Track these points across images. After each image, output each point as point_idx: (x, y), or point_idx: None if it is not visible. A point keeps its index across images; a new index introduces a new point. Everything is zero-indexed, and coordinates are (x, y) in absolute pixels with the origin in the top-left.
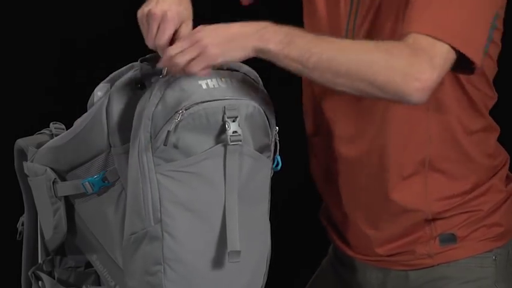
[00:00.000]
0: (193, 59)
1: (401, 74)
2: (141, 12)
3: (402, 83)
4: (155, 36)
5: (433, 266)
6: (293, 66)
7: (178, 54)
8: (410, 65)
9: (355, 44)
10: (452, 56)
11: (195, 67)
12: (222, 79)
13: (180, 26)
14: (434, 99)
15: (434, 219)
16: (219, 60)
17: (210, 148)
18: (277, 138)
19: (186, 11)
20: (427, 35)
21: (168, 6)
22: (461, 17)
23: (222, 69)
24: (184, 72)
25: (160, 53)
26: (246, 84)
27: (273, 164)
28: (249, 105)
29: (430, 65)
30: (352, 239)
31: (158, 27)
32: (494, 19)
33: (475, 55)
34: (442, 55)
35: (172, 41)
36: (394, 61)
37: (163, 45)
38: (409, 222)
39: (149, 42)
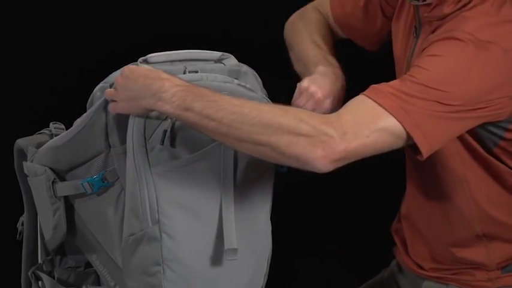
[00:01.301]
0: (111, 97)
1: (308, 139)
2: (306, 87)
3: (307, 151)
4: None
5: None
6: (196, 129)
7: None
8: (320, 123)
9: (260, 107)
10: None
11: (110, 106)
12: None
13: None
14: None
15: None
16: (124, 112)
17: (206, 147)
18: None
19: (338, 93)
20: (379, 103)
21: (328, 92)
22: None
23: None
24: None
25: None
26: (242, 89)
27: (277, 165)
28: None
29: (348, 129)
30: (414, 254)
31: (313, 109)
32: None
33: (422, 142)
34: (382, 129)
35: None
36: (300, 127)
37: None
38: (471, 264)
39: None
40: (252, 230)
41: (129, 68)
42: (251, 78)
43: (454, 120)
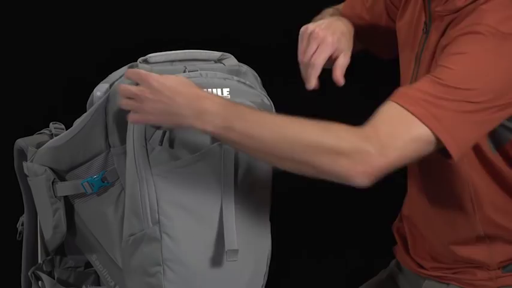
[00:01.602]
0: (134, 108)
1: (348, 157)
2: (305, 29)
3: (348, 168)
4: (312, 55)
5: None
6: (236, 148)
7: (126, 101)
8: (356, 152)
9: (301, 125)
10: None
11: (134, 118)
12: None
13: (338, 56)
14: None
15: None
16: (156, 124)
17: (206, 148)
18: None
19: (347, 42)
20: (409, 110)
21: (331, 31)
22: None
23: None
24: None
25: (305, 71)
26: (242, 85)
27: None
28: (244, 104)
29: (388, 144)
30: (415, 253)
31: (317, 48)
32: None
33: (452, 147)
34: (415, 140)
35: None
36: (339, 147)
37: (318, 65)
38: (472, 263)
39: (303, 58)
40: (252, 230)
41: (158, 81)
42: (251, 78)
43: (483, 117)
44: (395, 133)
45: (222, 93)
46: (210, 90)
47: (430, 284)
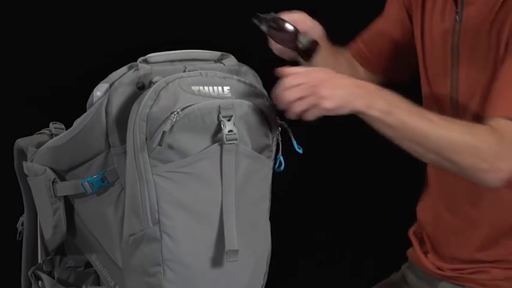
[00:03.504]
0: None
1: (487, 163)
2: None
3: (485, 171)
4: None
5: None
6: (386, 132)
7: (296, 101)
8: (495, 156)
9: (447, 123)
10: None
11: (309, 117)
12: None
13: None
14: None
15: None
16: (330, 113)
17: (206, 148)
18: (280, 139)
19: None
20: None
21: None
22: None
23: (221, 64)
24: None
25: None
26: (242, 85)
27: (275, 164)
28: (243, 105)
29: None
30: (434, 256)
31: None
32: None
33: None
34: None
35: None
36: (483, 150)
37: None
38: (491, 262)
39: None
40: (252, 230)
41: (315, 69)
42: (251, 78)
43: None
44: None
45: (223, 91)
46: (210, 88)
47: (446, 286)
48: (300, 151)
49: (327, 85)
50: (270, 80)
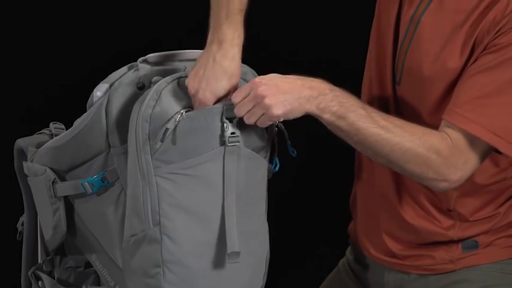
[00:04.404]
0: (258, 110)
1: (435, 173)
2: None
3: (433, 180)
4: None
5: (454, 271)
6: (338, 134)
7: (246, 115)
8: (446, 168)
9: (400, 131)
10: (490, 149)
11: (264, 125)
12: None
13: None
14: None
15: (458, 226)
16: (280, 119)
17: (208, 150)
18: (276, 140)
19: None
20: (468, 132)
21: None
22: (505, 114)
23: None
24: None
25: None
26: (243, 81)
27: (271, 165)
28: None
29: (464, 168)
30: (372, 240)
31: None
32: None
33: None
34: (479, 156)
35: None
36: (433, 161)
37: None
38: (431, 236)
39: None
40: (251, 231)
41: (264, 78)
42: (251, 78)
43: None
44: (469, 159)
45: None
46: None
47: (391, 276)
48: (294, 154)
49: (270, 93)
50: None
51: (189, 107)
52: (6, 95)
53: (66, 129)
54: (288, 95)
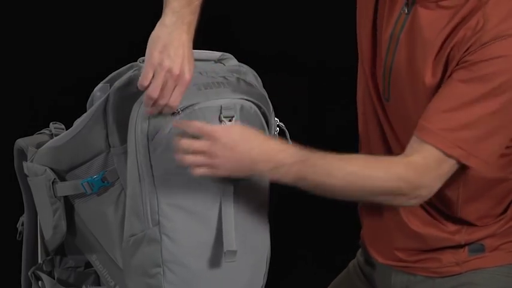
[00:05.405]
0: (204, 165)
1: (405, 196)
2: (159, 60)
3: (403, 202)
4: (170, 96)
5: (460, 274)
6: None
7: (194, 157)
8: (415, 190)
9: (367, 171)
10: (458, 163)
11: (201, 172)
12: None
13: None
14: None
15: (465, 230)
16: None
17: None
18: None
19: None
20: (438, 148)
21: (187, 67)
22: (475, 133)
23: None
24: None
25: (159, 108)
26: (242, 84)
27: None
28: (244, 105)
29: (433, 184)
30: (379, 251)
31: (175, 87)
32: None
33: (480, 166)
34: (447, 170)
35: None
36: (402, 189)
37: (175, 106)
38: (438, 242)
39: (159, 98)
40: (251, 230)
41: (226, 136)
42: (251, 78)
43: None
44: (437, 175)
45: (224, 91)
46: (210, 88)
47: (398, 277)
48: None
49: (223, 155)
50: (270, 80)
51: (188, 106)
52: (6, 95)
53: (66, 129)
54: (239, 163)
